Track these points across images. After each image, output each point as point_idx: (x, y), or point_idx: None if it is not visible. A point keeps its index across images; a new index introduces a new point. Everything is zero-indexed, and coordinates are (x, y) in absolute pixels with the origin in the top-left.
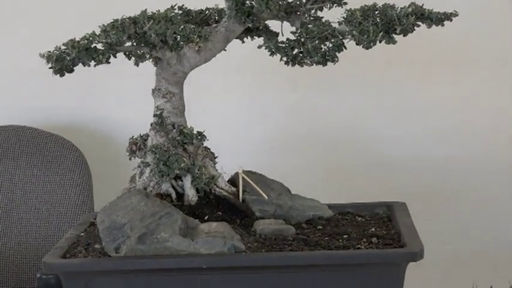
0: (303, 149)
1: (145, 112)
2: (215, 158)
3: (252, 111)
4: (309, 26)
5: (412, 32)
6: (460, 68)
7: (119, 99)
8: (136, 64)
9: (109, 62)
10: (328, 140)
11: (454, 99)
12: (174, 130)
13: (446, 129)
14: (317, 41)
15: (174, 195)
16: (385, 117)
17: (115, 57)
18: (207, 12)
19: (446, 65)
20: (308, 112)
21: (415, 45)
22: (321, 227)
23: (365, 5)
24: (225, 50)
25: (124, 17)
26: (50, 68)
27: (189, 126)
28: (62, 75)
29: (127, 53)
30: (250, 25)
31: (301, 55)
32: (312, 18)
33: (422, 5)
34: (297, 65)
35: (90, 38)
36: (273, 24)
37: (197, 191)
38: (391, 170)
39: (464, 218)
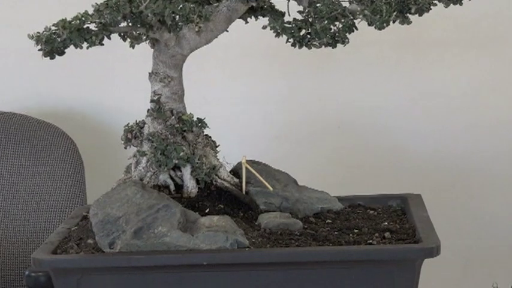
0: (311, 137)
1: (142, 98)
2: (216, 146)
3: (256, 97)
4: (318, 5)
5: (429, 11)
6: (482, 52)
7: (113, 84)
8: (132, 46)
9: (102, 44)
10: (338, 129)
11: (474, 87)
12: (173, 117)
13: (466, 119)
14: (326, 21)
15: (172, 187)
16: (399, 105)
17: (109, 38)
18: None
19: (466, 49)
20: (317, 99)
21: (432, 27)
22: (330, 221)
23: None
24: (227, 31)
25: None
26: (39, 50)
27: (188, 113)
28: (52, 58)
29: (122, 34)
30: (254, 4)
31: (309, 36)
32: None
33: None
34: (304, 47)
35: (83, 18)
36: (279, 3)
37: (197, 182)
38: (405, 160)
39: (484, 212)
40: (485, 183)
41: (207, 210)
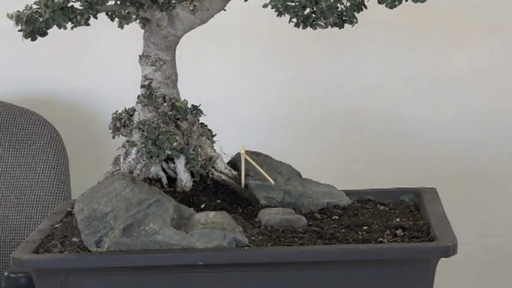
0: (316, 126)
1: (131, 83)
2: (213, 136)
3: (256, 83)
4: None
5: None
6: (502, 34)
7: (100, 68)
8: (121, 26)
9: (88, 24)
10: (346, 117)
11: (492, 71)
12: (165, 103)
13: (485, 105)
14: None
15: (165, 180)
16: (412, 90)
17: (95, 18)
18: None
19: (484, 30)
20: (322, 84)
21: (447, 7)
22: (336, 217)
23: None
24: (225, 10)
25: None
26: (19, 31)
27: (182, 99)
28: (33, 39)
29: (110, 13)
30: None
31: (313, 16)
32: None
33: None
34: (308, 28)
35: None
36: None
37: (192, 174)
38: (419, 150)
39: (506, 207)
40: (508, 175)
41: (202, 206)
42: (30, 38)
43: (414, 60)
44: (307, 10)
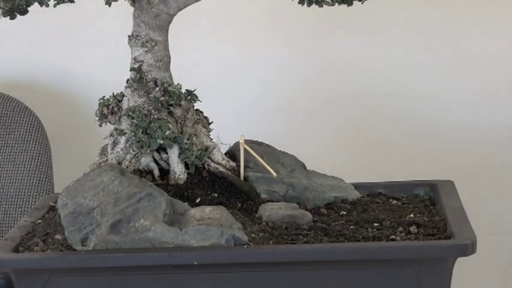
0: (323, 112)
1: (120, 65)
2: (209, 123)
3: (256, 64)
4: None
5: None
6: None
7: (85, 49)
8: (108, 3)
9: (73, 1)
10: (355, 102)
11: None
12: (157, 88)
13: (508, 86)
14: None
15: (156, 172)
16: (430, 72)
17: None
18: None
19: (504, 7)
20: (328, 65)
21: None
22: (344, 213)
23: None
24: None
25: None
26: None
27: (175, 83)
28: (12, 17)
29: None
30: None
31: None
32: None
33: None
34: (314, 5)
35: None
36: None
37: (186, 166)
38: (435, 139)
39: None
40: None
41: (198, 200)
42: (9, 16)
43: (431, 39)
44: None
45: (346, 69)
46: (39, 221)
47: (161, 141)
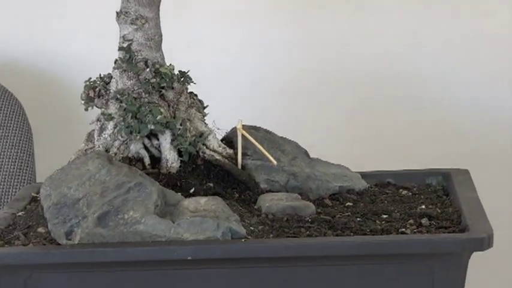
0: (327, 95)
1: (107, 44)
2: (204, 107)
3: (255, 44)
4: None
5: None
6: None
7: (69, 27)
8: None
9: None
10: (362, 84)
11: None
12: (147, 69)
13: None
14: None
15: (147, 160)
16: (442, 52)
17: None
18: None
19: None
20: (335, 44)
21: None
22: (350, 204)
23: None
24: None
25: None
26: None
27: (167, 64)
28: None
29: None
30: None
31: None
32: None
33: None
34: None
35: None
36: None
37: (179, 153)
38: (449, 123)
39: None
40: None
41: (192, 190)
42: None
43: (445, 18)
44: None
45: (351, 49)
46: (20, 213)
47: (152, 127)
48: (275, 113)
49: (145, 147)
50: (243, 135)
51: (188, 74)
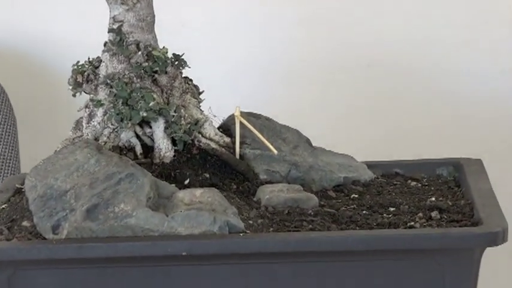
0: (331, 79)
1: (96, 26)
2: (200, 93)
3: (254, 25)
4: None
5: None
6: None
7: (56, 8)
8: None
9: None
10: (368, 69)
11: None
12: (139, 52)
13: None
14: None
15: (139, 149)
16: (452, 37)
17: None
18: None
19: None
20: (340, 27)
21: None
22: (356, 196)
23: None
24: None
25: None
26: None
27: (160, 47)
28: None
29: None
30: None
31: None
32: None
33: None
34: None
35: None
36: None
37: (173, 142)
38: (460, 111)
39: None
40: None
41: (187, 181)
42: None
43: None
44: None
45: (357, 32)
46: (3, 206)
47: (144, 114)
48: (276, 99)
49: (137, 136)
50: (241, 123)
51: (183, 57)
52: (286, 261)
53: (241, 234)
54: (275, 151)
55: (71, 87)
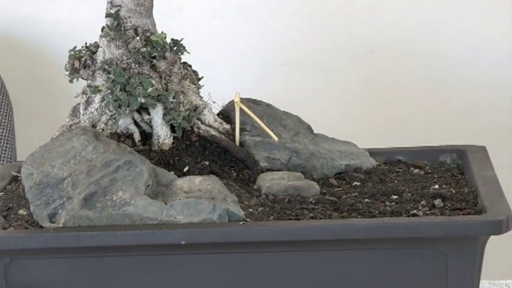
0: (333, 65)
1: (93, 11)
2: (199, 79)
3: (254, 9)
4: None
5: None
6: None
7: None
8: None
9: None
10: (370, 54)
11: None
12: (137, 37)
13: None
14: None
15: (137, 136)
16: (456, 21)
17: None
18: None
19: None
20: (342, 12)
21: None
22: (358, 184)
23: None
24: None
25: None
26: None
27: (159, 32)
28: None
29: None
30: None
31: None
32: None
33: None
34: None
35: None
36: None
37: (172, 129)
38: (464, 97)
39: None
40: None
41: (186, 169)
42: None
43: None
44: None
45: (359, 18)
46: None
47: (142, 100)
48: (276, 85)
49: (135, 123)
50: (241, 109)
51: (181, 42)
52: (286, 250)
53: (241, 223)
54: (275, 138)
55: (68, 73)
